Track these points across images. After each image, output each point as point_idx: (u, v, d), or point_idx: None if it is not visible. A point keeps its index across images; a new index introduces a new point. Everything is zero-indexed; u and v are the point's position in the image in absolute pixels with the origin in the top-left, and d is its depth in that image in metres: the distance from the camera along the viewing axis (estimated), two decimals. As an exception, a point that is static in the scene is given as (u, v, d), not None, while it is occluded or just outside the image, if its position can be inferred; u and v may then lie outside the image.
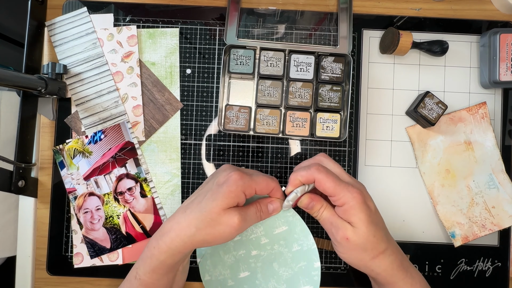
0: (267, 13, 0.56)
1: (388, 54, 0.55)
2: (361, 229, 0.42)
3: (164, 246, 0.42)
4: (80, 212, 0.54)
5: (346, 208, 0.42)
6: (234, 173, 0.42)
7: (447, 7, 0.57)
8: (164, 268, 0.43)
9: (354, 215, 0.42)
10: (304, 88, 0.53)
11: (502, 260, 0.54)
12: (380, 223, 0.44)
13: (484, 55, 0.55)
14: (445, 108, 0.52)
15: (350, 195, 0.42)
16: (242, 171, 0.44)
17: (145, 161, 0.54)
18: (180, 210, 0.44)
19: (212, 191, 0.42)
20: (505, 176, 0.54)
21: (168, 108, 0.55)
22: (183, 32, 0.56)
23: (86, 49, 0.55)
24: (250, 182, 0.43)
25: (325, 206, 0.45)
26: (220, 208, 0.41)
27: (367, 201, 0.43)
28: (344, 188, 0.42)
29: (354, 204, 0.42)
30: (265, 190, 0.45)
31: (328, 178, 0.42)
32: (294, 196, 0.45)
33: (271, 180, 0.45)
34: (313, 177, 0.43)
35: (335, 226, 0.43)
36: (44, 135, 0.55)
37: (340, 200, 0.42)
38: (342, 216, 0.43)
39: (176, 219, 0.43)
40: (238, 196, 0.42)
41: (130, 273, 0.45)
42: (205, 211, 0.41)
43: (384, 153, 0.55)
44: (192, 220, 0.41)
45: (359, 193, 0.42)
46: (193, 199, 0.44)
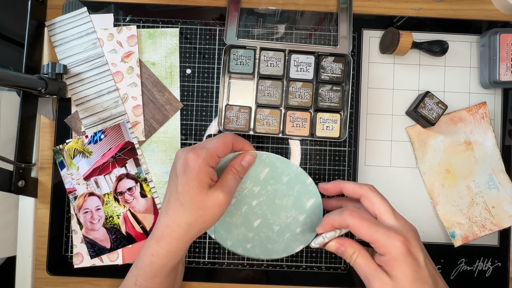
0: (267, 13, 0.56)
1: (388, 54, 0.55)
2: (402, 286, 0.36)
3: (163, 251, 0.41)
4: (80, 212, 0.54)
5: (388, 258, 0.37)
6: (189, 154, 0.41)
7: (447, 7, 0.57)
8: (166, 271, 0.43)
9: (396, 268, 0.37)
10: (304, 88, 0.53)
11: (502, 260, 0.54)
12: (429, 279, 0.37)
13: (484, 55, 0.55)
14: (445, 108, 0.52)
15: (391, 243, 0.37)
16: (195, 148, 0.42)
17: (145, 161, 0.54)
18: (162, 213, 0.43)
19: (180, 183, 0.41)
20: (505, 176, 0.54)
21: (168, 108, 0.55)
22: (183, 32, 0.56)
23: (86, 49, 0.55)
24: (208, 153, 0.41)
25: (358, 252, 0.40)
26: (199, 194, 0.40)
27: (414, 250, 0.38)
28: (382, 234, 0.37)
29: (397, 255, 0.37)
30: (226, 150, 0.43)
31: (362, 224, 0.38)
32: (321, 241, 0.43)
33: (226, 137, 0.43)
34: (346, 222, 0.40)
35: (369, 277, 0.39)
36: (44, 135, 0.55)
37: (380, 248, 0.38)
38: (384, 266, 0.38)
39: (163, 223, 0.42)
40: (207, 172, 0.41)
41: (128, 281, 0.44)
42: (187, 204, 0.40)
43: (384, 153, 0.55)
44: (179, 219, 0.41)
45: (402, 241, 0.37)
46: (168, 198, 0.43)
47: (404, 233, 0.38)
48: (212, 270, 0.54)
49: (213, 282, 0.54)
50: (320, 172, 0.55)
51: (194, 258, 0.54)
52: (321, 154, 0.55)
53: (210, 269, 0.54)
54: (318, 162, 0.55)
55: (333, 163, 0.55)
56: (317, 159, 0.55)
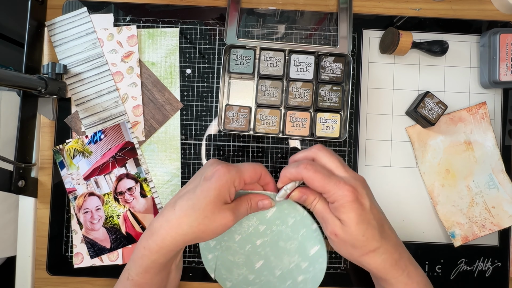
0: (267, 13, 0.56)
1: (388, 54, 0.55)
2: (350, 228, 0.41)
3: (155, 246, 0.41)
4: (80, 212, 0.54)
5: (336, 205, 0.41)
6: (221, 167, 0.42)
7: (447, 7, 0.57)
8: (157, 267, 0.43)
9: (344, 213, 0.41)
10: (304, 88, 0.53)
11: (502, 260, 0.54)
12: (373, 221, 0.42)
13: (484, 55, 0.55)
14: (445, 108, 0.52)
15: (340, 192, 0.41)
16: (228, 164, 0.43)
17: (145, 161, 0.54)
18: (168, 207, 0.43)
19: (201, 187, 0.42)
20: (505, 176, 0.54)
21: (168, 108, 0.55)
22: (183, 32, 0.56)
23: (86, 49, 0.55)
24: (237, 174, 0.42)
25: (318, 199, 0.44)
26: (213, 205, 0.41)
27: (361, 198, 0.41)
28: (334, 185, 0.41)
29: (344, 202, 0.40)
30: (254, 177, 0.44)
31: (316, 176, 0.41)
32: (284, 193, 0.45)
33: (258, 166, 0.45)
34: (301, 175, 0.42)
35: (325, 220, 0.43)
36: (44, 135, 0.55)
37: (330, 198, 0.42)
38: (334, 212, 0.42)
39: (165, 216, 0.42)
40: (228, 189, 0.42)
41: (122, 275, 0.45)
42: (198, 209, 0.40)
43: (384, 153, 0.55)
44: (183, 218, 0.41)
45: (350, 190, 0.41)
46: (181, 195, 0.43)
47: (352, 183, 0.41)
48: (212, 270, 0.54)
49: (213, 282, 0.54)
50: (320, 172, 0.55)
51: (194, 258, 0.54)
52: (321, 154, 0.55)
53: (210, 269, 0.54)
54: (318, 162, 0.55)
55: (333, 163, 0.55)
56: (317, 159, 0.55)
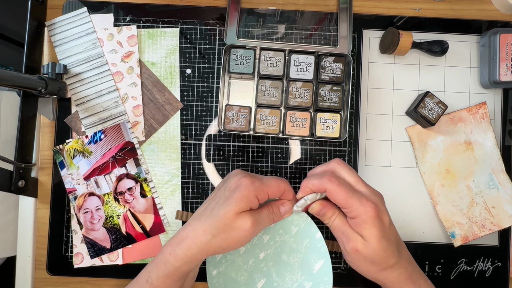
0: (267, 13, 0.56)
1: (388, 54, 0.55)
2: (372, 244, 0.41)
3: (181, 254, 0.42)
4: (80, 212, 0.54)
5: (358, 221, 0.42)
6: (245, 178, 0.43)
7: (447, 7, 0.57)
8: (178, 275, 0.43)
9: (366, 229, 0.41)
10: (304, 88, 0.53)
11: (502, 260, 0.54)
12: (392, 237, 0.43)
13: (484, 55, 0.55)
14: (445, 108, 0.52)
15: (363, 208, 0.41)
16: (252, 176, 0.44)
17: (145, 161, 0.54)
18: (195, 217, 0.44)
19: (225, 197, 0.42)
20: (505, 176, 0.54)
21: (168, 108, 0.55)
22: (183, 32, 0.56)
23: (86, 49, 0.55)
24: (261, 186, 0.43)
25: (336, 214, 0.44)
26: (233, 213, 0.41)
27: (381, 215, 0.42)
28: (356, 200, 0.41)
29: (367, 218, 0.41)
30: (277, 193, 0.45)
31: (340, 190, 0.42)
32: (303, 203, 0.45)
33: (282, 182, 0.45)
34: (324, 187, 0.43)
35: (346, 236, 0.43)
36: (44, 135, 0.55)
37: (352, 213, 0.42)
38: (354, 228, 0.43)
39: (192, 226, 0.43)
40: (251, 200, 0.42)
41: (141, 276, 0.45)
42: (219, 217, 0.41)
43: (384, 153, 0.55)
44: (207, 227, 0.41)
45: (372, 206, 0.41)
46: (206, 206, 0.44)
47: (373, 200, 0.42)
48: (212, 270, 0.54)
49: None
50: (320, 172, 0.55)
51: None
52: (321, 154, 0.55)
53: (210, 269, 0.54)
54: (318, 162, 0.55)
55: (333, 163, 0.55)
56: (317, 159, 0.55)
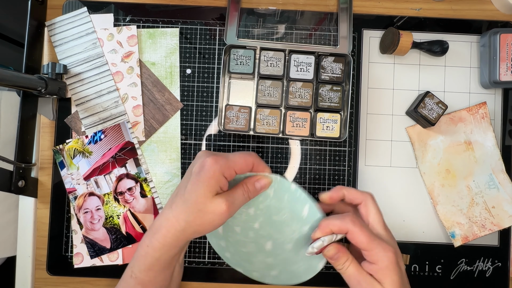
0: (267, 13, 0.56)
1: (388, 54, 0.55)
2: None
3: (158, 244, 0.42)
4: (80, 212, 0.54)
5: (380, 267, 0.40)
6: (208, 158, 0.41)
7: (447, 7, 0.57)
8: (161, 265, 0.43)
9: (388, 277, 0.40)
10: (304, 88, 0.53)
11: (502, 260, 0.54)
12: (408, 284, 0.43)
13: (484, 55, 0.55)
14: (445, 108, 0.52)
15: (384, 253, 0.40)
16: (216, 155, 0.42)
17: (145, 161, 0.54)
18: (166, 206, 0.44)
19: (191, 182, 0.42)
20: (505, 176, 0.54)
21: (168, 108, 0.55)
22: (183, 32, 0.56)
23: (86, 49, 0.55)
24: (227, 164, 0.42)
25: (350, 260, 0.42)
26: (203, 197, 0.40)
27: (399, 261, 0.42)
28: (378, 245, 0.40)
29: (388, 264, 0.40)
30: (245, 168, 0.43)
31: (362, 232, 0.41)
32: (320, 245, 0.43)
33: (249, 156, 0.44)
34: (347, 228, 0.41)
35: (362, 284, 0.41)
36: (44, 135, 0.55)
37: (373, 257, 0.41)
38: (373, 274, 0.41)
39: (164, 215, 0.42)
40: (218, 180, 0.41)
41: (126, 273, 0.45)
42: (190, 203, 0.41)
43: (384, 153, 0.55)
44: (179, 214, 0.41)
45: (393, 252, 0.40)
46: (177, 193, 0.44)
47: (392, 245, 0.42)
48: (212, 270, 0.54)
49: (213, 282, 0.54)
50: (320, 172, 0.55)
51: (194, 258, 0.54)
52: (321, 154, 0.55)
53: (210, 269, 0.54)
54: (318, 162, 0.55)
55: (333, 163, 0.55)
56: (317, 159, 0.55)
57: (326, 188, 0.55)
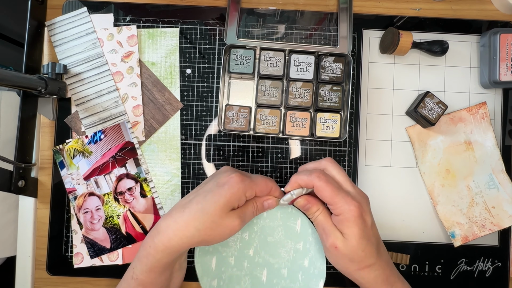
0: (267, 13, 0.56)
1: (388, 54, 0.55)
2: (351, 242, 0.42)
3: (161, 245, 0.42)
4: (80, 212, 0.54)
5: (341, 218, 0.42)
6: (235, 175, 0.43)
7: (447, 7, 0.57)
8: (161, 267, 0.43)
9: (348, 227, 0.42)
10: (304, 88, 0.53)
11: (502, 260, 0.54)
12: (373, 238, 0.44)
13: (484, 55, 0.55)
14: (445, 108, 0.52)
15: (347, 206, 0.42)
16: (242, 173, 0.44)
17: (145, 161, 0.54)
18: (177, 208, 0.43)
19: (213, 193, 0.42)
20: (505, 176, 0.54)
21: (168, 108, 0.55)
22: (183, 32, 0.56)
23: (86, 49, 0.55)
24: (250, 184, 0.44)
25: (321, 210, 0.45)
26: (221, 211, 0.41)
27: (364, 215, 0.43)
28: (342, 198, 0.42)
29: (350, 216, 0.42)
30: (265, 191, 0.46)
31: (327, 187, 0.42)
32: (289, 197, 0.45)
33: (270, 181, 0.46)
34: (313, 183, 0.43)
35: (326, 232, 0.44)
36: (44, 135, 0.55)
37: (337, 210, 0.43)
38: (337, 224, 0.43)
39: (174, 217, 0.42)
40: (239, 198, 0.43)
41: (127, 273, 0.45)
42: (207, 213, 0.41)
43: (384, 153, 0.55)
44: (191, 221, 0.41)
45: (357, 206, 0.42)
46: (192, 199, 0.43)
47: (358, 200, 0.43)
48: (212, 270, 0.54)
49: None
50: (320, 172, 0.55)
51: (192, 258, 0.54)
52: (321, 154, 0.55)
53: (210, 269, 0.54)
54: (318, 162, 0.55)
55: (333, 163, 0.55)
56: (317, 159, 0.55)
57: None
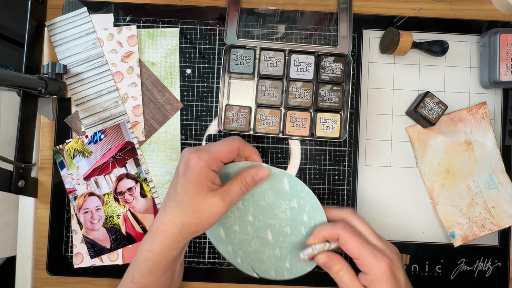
0: (267, 13, 0.56)
1: (388, 54, 0.55)
2: None
3: (157, 248, 0.42)
4: (80, 212, 0.54)
5: (372, 278, 0.38)
6: (191, 156, 0.41)
7: (447, 7, 0.57)
8: (162, 268, 0.43)
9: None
10: (304, 88, 0.53)
11: (502, 260, 0.54)
12: None
13: (484, 55, 0.55)
14: (445, 108, 0.52)
15: (376, 262, 0.38)
16: (199, 150, 0.41)
17: (145, 161, 0.54)
18: (160, 210, 0.44)
19: (180, 183, 0.41)
20: (505, 176, 0.54)
21: (168, 108, 0.55)
22: (183, 32, 0.56)
23: (86, 49, 0.55)
24: (211, 156, 0.41)
25: (345, 269, 0.41)
26: (197, 197, 0.40)
27: (397, 272, 0.39)
28: (370, 253, 0.39)
29: (381, 275, 0.38)
30: (231, 155, 0.42)
31: (353, 238, 0.39)
32: (310, 252, 0.42)
33: (232, 141, 0.42)
34: (337, 234, 0.40)
35: None
36: (44, 135, 0.55)
37: (365, 266, 0.39)
38: (367, 285, 0.39)
39: (160, 220, 0.42)
40: (207, 176, 0.40)
41: (126, 276, 0.45)
42: (184, 205, 0.40)
43: (384, 153, 0.55)
44: (174, 218, 0.41)
45: (387, 262, 0.38)
46: (168, 196, 0.43)
47: (388, 254, 0.40)
48: (212, 270, 0.54)
49: (213, 282, 0.54)
50: (320, 172, 0.55)
51: (194, 258, 0.54)
52: (321, 154, 0.55)
53: (210, 269, 0.54)
54: (318, 162, 0.55)
55: (333, 163, 0.55)
56: (317, 159, 0.55)
57: (326, 188, 0.55)
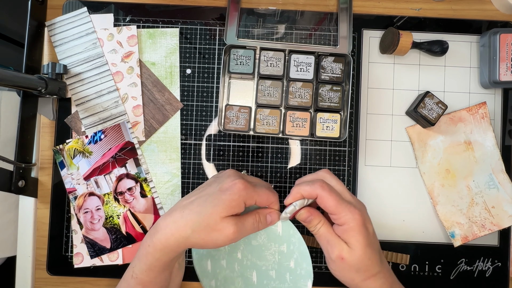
0: (267, 13, 0.56)
1: (388, 54, 0.55)
2: (357, 251, 0.42)
3: (159, 244, 0.42)
4: (80, 212, 0.54)
5: (346, 228, 0.42)
6: (238, 181, 0.42)
7: (447, 7, 0.57)
8: (160, 266, 0.43)
9: (353, 237, 0.42)
10: (304, 88, 0.53)
11: (502, 260, 0.54)
12: (376, 246, 0.44)
13: (484, 55, 0.55)
14: (445, 108, 0.52)
15: (351, 215, 0.42)
16: (246, 180, 0.44)
17: (145, 161, 0.54)
18: (177, 208, 0.43)
19: (213, 196, 0.42)
20: (505, 176, 0.54)
21: (168, 108, 0.55)
22: (183, 32, 0.56)
23: (86, 49, 0.55)
24: (252, 193, 0.43)
25: (322, 222, 0.45)
26: (219, 216, 0.41)
27: (367, 223, 0.43)
28: (345, 207, 0.42)
29: (354, 225, 0.42)
30: (265, 203, 0.45)
31: (331, 196, 0.42)
32: (292, 209, 0.45)
33: (272, 194, 0.46)
34: (316, 193, 0.43)
35: (331, 244, 0.44)
36: (44, 135, 0.55)
37: (340, 220, 0.43)
38: (341, 235, 0.43)
39: (173, 217, 0.42)
40: (239, 205, 0.42)
41: (127, 272, 0.45)
42: (204, 215, 0.41)
43: (384, 153, 0.55)
44: (189, 222, 0.41)
45: (360, 214, 0.42)
46: (193, 200, 0.44)
47: (360, 208, 0.44)
48: (212, 270, 0.54)
49: (213, 282, 0.54)
50: (320, 172, 0.55)
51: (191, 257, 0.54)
52: (321, 154, 0.55)
53: (210, 269, 0.54)
54: (318, 162, 0.55)
55: (333, 163, 0.55)
56: (317, 159, 0.55)
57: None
